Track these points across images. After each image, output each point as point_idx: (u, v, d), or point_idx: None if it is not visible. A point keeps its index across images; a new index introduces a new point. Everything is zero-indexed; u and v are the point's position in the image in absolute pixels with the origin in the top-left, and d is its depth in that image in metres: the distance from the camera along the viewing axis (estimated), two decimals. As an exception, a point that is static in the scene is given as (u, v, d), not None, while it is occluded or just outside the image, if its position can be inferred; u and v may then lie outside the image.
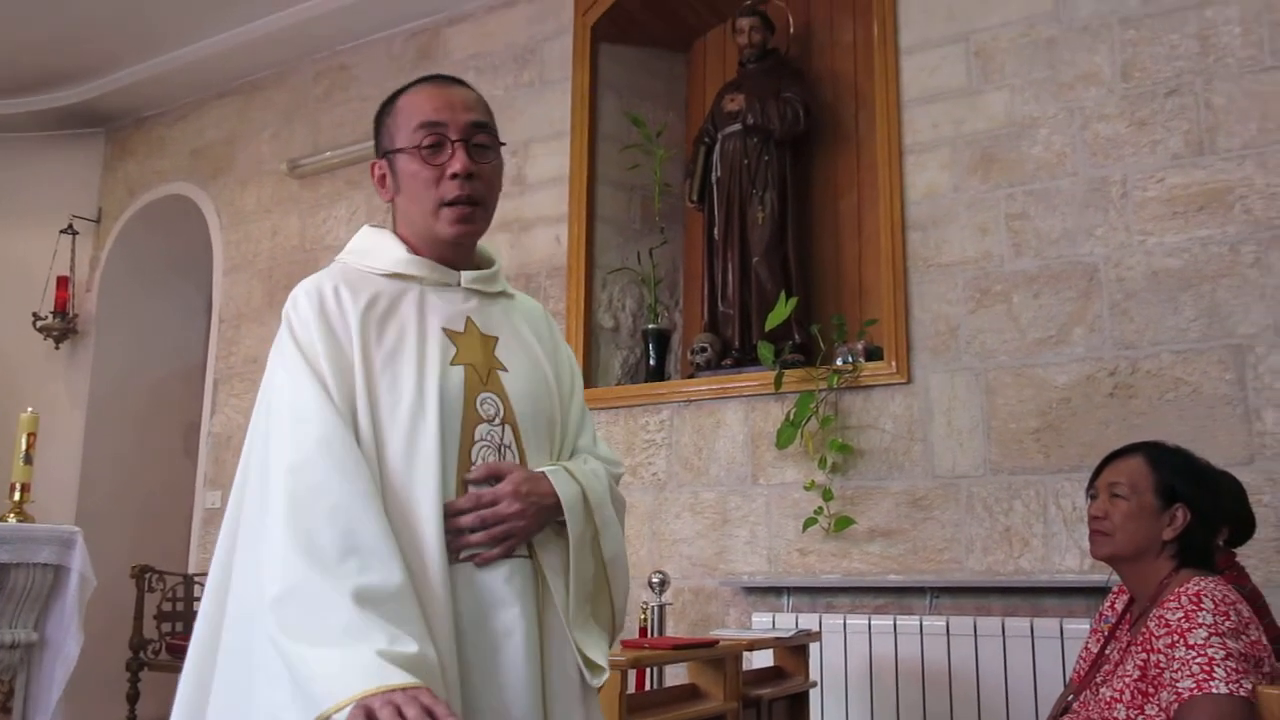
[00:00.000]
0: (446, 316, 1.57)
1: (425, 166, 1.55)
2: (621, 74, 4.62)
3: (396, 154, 1.57)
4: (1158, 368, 3.17)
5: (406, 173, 1.57)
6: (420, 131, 1.56)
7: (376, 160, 1.62)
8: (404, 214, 1.61)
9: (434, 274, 1.59)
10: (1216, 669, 1.76)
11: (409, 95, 1.61)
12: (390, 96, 1.64)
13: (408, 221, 1.61)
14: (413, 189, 1.57)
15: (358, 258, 1.61)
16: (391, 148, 1.59)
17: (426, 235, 1.59)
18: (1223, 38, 3.23)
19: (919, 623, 3.29)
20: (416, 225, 1.59)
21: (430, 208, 1.56)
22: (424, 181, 1.56)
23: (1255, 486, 2.87)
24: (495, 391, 1.55)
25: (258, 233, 5.52)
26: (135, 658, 4.56)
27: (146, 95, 5.92)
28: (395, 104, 1.62)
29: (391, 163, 1.59)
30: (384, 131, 1.61)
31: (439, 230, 1.57)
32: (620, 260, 4.44)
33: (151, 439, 6.03)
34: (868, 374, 3.61)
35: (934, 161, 3.65)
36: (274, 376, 1.50)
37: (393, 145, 1.58)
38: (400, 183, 1.58)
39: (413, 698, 1.18)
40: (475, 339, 1.58)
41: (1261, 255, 3.08)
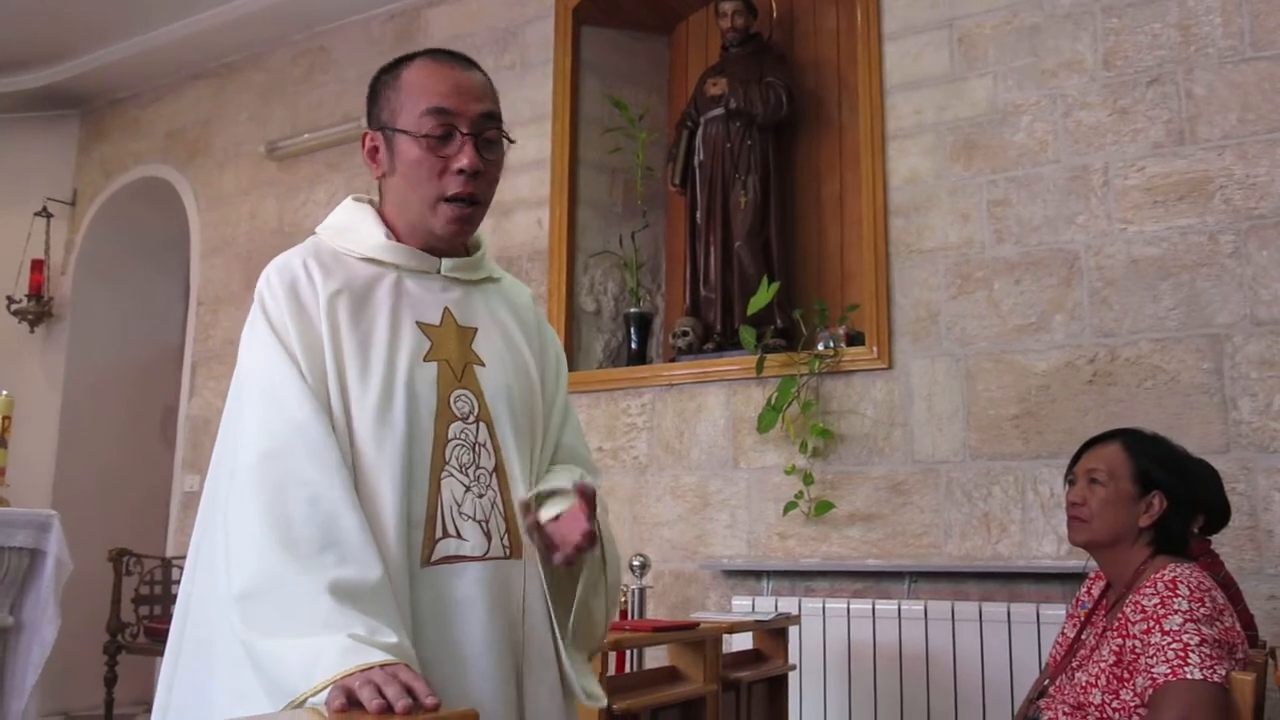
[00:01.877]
0: (422, 308, 1.49)
1: (429, 156, 1.45)
2: (603, 57, 4.60)
3: (398, 133, 1.47)
4: (1136, 356, 3.19)
5: (407, 157, 1.46)
6: (428, 118, 1.45)
7: (370, 131, 1.51)
8: (396, 195, 1.51)
9: (413, 261, 1.51)
10: (1191, 655, 1.78)
11: (417, 70, 1.50)
12: (393, 63, 1.54)
13: (398, 204, 1.51)
14: (412, 176, 1.46)
15: (334, 235, 1.52)
16: (392, 124, 1.47)
17: (417, 224, 1.50)
18: (1204, 27, 3.25)
19: (897, 607, 3.31)
20: (408, 212, 1.50)
21: (429, 200, 1.47)
22: (426, 171, 1.46)
23: (1230, 475, 2.89)
24: (470, 388, 1.48)
25: (235, 215, 5.47)
26: (113, 641, 4.54)
27: (121, 76, 5.84)
28: (399, 75, 1.50)
29: (390, 140, 1.48)
30: (383, 102, 1.50)
31: (434, 225, 1.49)
32: (602, 244, 4.43)
33: (129, 422, 5.99)
34: (849, 359, 3.62)
35: (916, 147, 3.65)
36: (247, 358, 1.45)
37: (394, 122, 1.47)
38: (397, 164, 1.48)
39: (392, 675, 1.14)
40: (451, 332, 1.50)
41: (1240, 245, 3.10)
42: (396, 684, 1.13)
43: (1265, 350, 3.01)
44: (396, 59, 1.55)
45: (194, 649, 1.37)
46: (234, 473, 1.36)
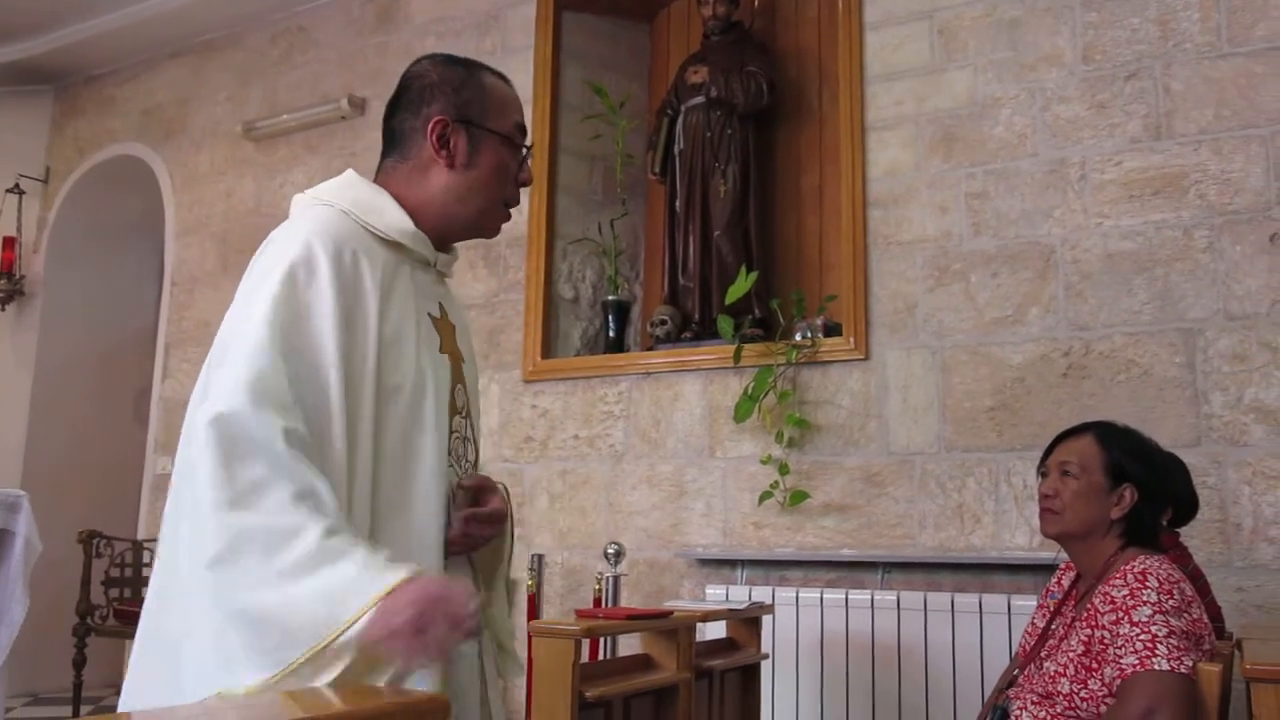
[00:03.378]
0: (428, 301, 1.53)
1: (511, 162, 1.56)
2: (585, 43, 4.57)
3: (491, 134, 1.54)
4: (1110, 349, 3.21)
5: (492, 158, 1.54)
6: (517, 130, 1.58)
7: (448, 120, 1.51)
8: (450, 187, 1.52)
9: (423, 251, 1.53)
10: (1159, 646, 1.80)
11: (497, 82, 1.59)
12: (459, 62, 1.58)
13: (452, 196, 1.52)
14: (490, 176, 1.54)
15: (361, 213, 1.49)
16: (486, 124, 1.53)
17: (461, 217, 1.54)
18: (1182, 23, 3.26)
19: (870, 597, 3.32)
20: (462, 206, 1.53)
21: (495, 200, 1.55)
22: (505, 175, 1.56)
23: (1200, 468, 2.92)
24: (461, 382, 1.55)
25: (211, 195, 5.42)
26: (82, 624, 4.50)
27: (97, 53, 5.77)
28: (481, 81, 1.56)
29: (476, 138, 1.53)
30: (468, 98, 1.54)
31: (485, 222, 1.57)
32: (581, 231, 4.42)
33: (101, 403, 5.93)
34: (826, 350, 3.63)
35: (896, 139, 3.65)
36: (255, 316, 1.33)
37: (486, 122, 1.53)
38: (477, 161, 1.53)
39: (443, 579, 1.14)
40: (448, 327, 1.56)
41: (1214, 240, 3.12)
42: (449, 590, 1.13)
43: (1237, 345, 3.04)
44: (456, 58, 1.60)
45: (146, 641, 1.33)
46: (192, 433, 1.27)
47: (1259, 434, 2.98)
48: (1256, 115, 3.11)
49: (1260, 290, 3.04)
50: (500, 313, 4.36)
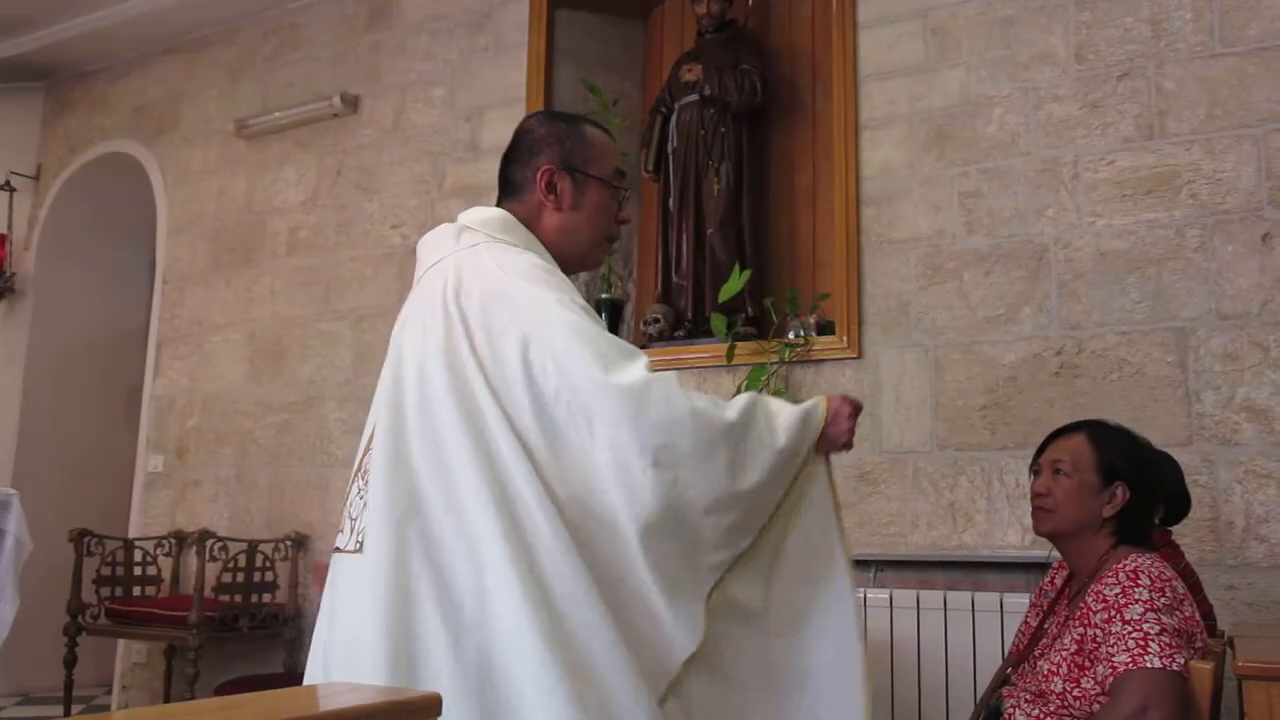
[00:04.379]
0: None
1: (612, 203, 1.85)
2: (578, 41, 4.57)
3: (592, 179, 1.82)
4: (1103, 348, 3.21)
5: (597, 201, 1.82)
6: (615, 174, 1.87)
7: (556, 168, 1.80)
8: (560, 227, 1.80)
9: None
10: (1151, 644, 1.80)
11: (596, 132, 1.88)
12: (565, 117, 1.90)
13: (562, 234, 1.79)
14: (594, 215, 1.82)
15: (537, 254, 1.75)
16: (587, 171, 1.81)
17: (571, 252, 1.80)
18: (1174, 23, 3.27)
19: (863, 595, 3.32)
20: (571, 242, 1.81)
21: (599, 237, 1.84)
22: (607, 214, 1.84)
23: (1192, 467, 2.93)
24: None
25: (203, 193, 5.40)
26: (73, 623, 4.48)
27: (88, 49, 5.75)
28: (583, 132, 1.85)
29: (580, 183, 1.81)
30: (572, 150, 1.81)
31: (594, 256, 1.87)
32: (574, 229, 4.41)
33: (92, 401, 5.91)
34: (819, 348, 3.63)
35: (889, 138, 3.66)
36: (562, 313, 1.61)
37: (587, 169, 1.82)
38: (582, 202, 1.80)
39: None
40: None
41: (1206, 240, 3.13)
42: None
43: (1229, 344, 3.05)
44: (559, 114, 1.99)
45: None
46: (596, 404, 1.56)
47: (1250, 433, 2.99)
48: (1249, 115, 3.12)
49: (1252, 290, 3.05)
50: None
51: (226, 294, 5.15)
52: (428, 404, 1.58)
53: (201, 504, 5.02)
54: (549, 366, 1.55)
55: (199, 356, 5.20)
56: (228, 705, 0.88)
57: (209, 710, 0.80)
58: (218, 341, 5.13)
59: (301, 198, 5.01)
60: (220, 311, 5.15)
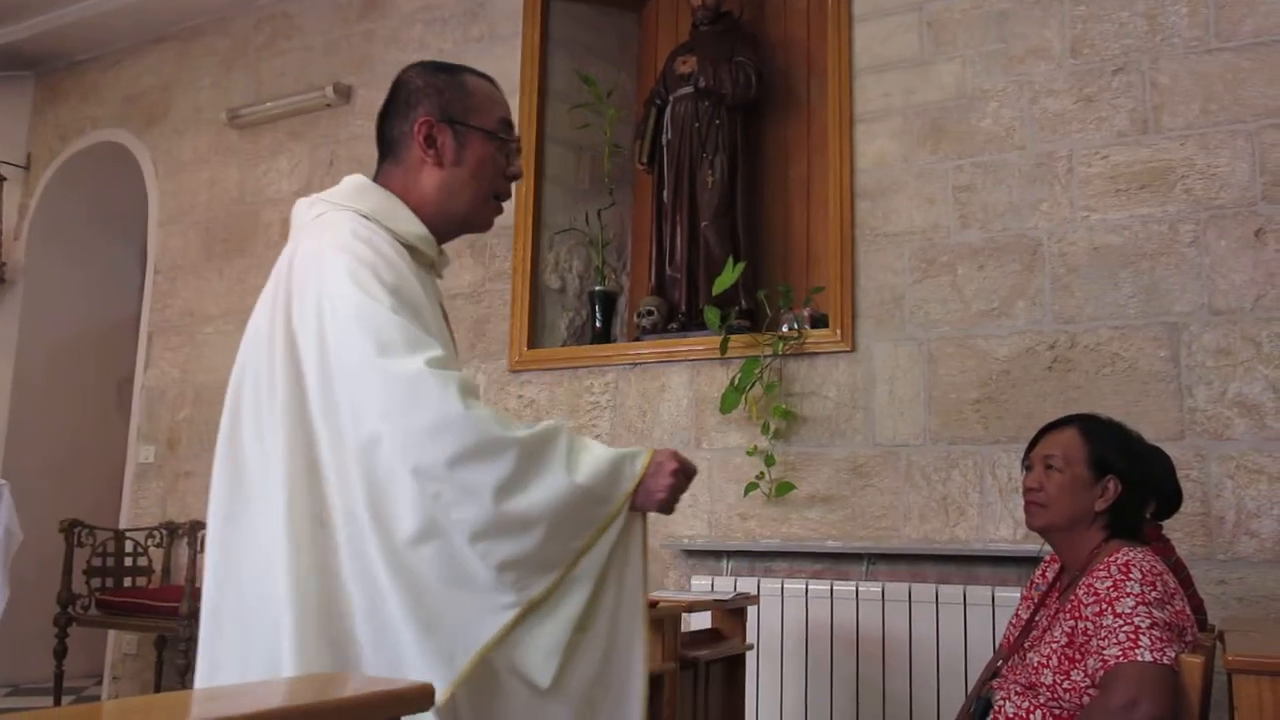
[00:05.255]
0: (435, 297, 1.61)
1: (499, 156, 1.65)
2: (573, 31, 4.55)
3: (475, 131, 1.63)
4: (1096, 343, 3.22)
5: (480, 154, 1.63)
6: (501, 126, 1.67)
7: (435, 121, 1.62)
8: (441, 185, 1.62)
9: (431, 252, 1.62)
10: (1142, 637, 1.80)
11: (479, 82, 1.68)
12: (444, 67, 1.70)
13: (444, 192, 1.62)
14: (480, 171, 1.63)
15: (381, 216, 1.57)
16: (469, 122, 1.63)
17: (455, 212, 1.63)
18: (1170, 18, 3.27)
19: (855, 588, 3.33)
20: (454, 201, 1.62)
21: (485, 194, 1.65)
22: (494, 170, 1.65)
23: (1184, 462, 2.94)
24: None
25: (195, 183, 5.38)
26: (63, 613, 4.47)
27: (79, 38, 5.71)
28: (463, 81, 1.67)
29: (461, 135, 1.63)
30: (452, 100, 1.64)
31: (479, 216, 1.66)
32: (568, 221, 4.40)
33: (82, 391, 5.89)
34: (813, 341, 3.63)
35: (884, 131, 3.65)
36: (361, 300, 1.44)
37: (468, 120, 1.63)
38: (464, 157, 1.63)
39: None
40: (447, 319, 1.64)
41: (1199, 235, 3.13)
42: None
43: (1221, 339, 3.05)
44: (441, 64, 1.73)
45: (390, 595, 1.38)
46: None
47: (1242, 428, 3.00)
48: (1243, 110, 3.12)
49: (1245, 285, 3.05)
50: (486, 302, 4.34)
51: (218, 284, 5.13)
52: (256, 380, 1.50)
53: (193, 495, 5.00)
54: (329, 342, 1.42)
55: (190, 347, 5.18)
56: (216, 696, 0.88)
57: (204, 700, 0.80)
58: (209, 332, 5.11)
59: (294, 188, 4.99)
60: (212, 302, 5.13)
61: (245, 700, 0.73)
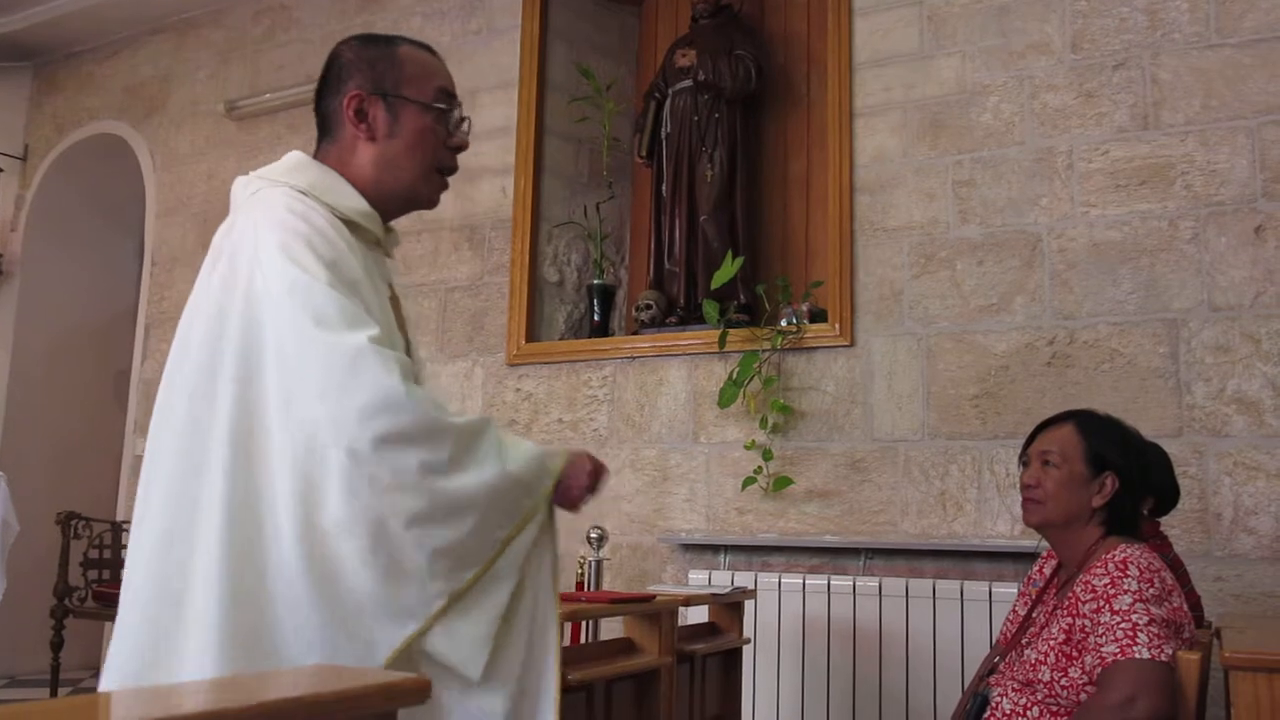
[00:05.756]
0: (384, 276, 1.57)
1: (438, 127, 1.57)
2: (572, 24, 4.54)
3: (409, 103, 1.56)
4: (1095, 339, 3.22)
5: (415, 125, 1.56)
6: (440, 95, 1.58)
7: (365, 94, 1.56)
8: (382, 160, 1.56)
9: (375, 229, 1.57)
10: (1139, 634, 1.80)
11: (414, 51, 1.61)
12: (373, 38, 1.63)
13: (382, 168, 1.56)
14: (417, 144, 1.56)
15: (319, 192, 1.52)
16: (398, 93, 1.56)
17: (394, 188, 1.56)
18: (1170, 13, 3.26)
19: (852, 583, 3.33)
20: (392, 176, 1.56)
21: (425, 168, 1.57)
22: (434, 142, 1.57)
23: (1182, 458, 2.94)
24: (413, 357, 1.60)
25: (192, 175, 5.36)
26: (60, 605, 4.47)
27: (76, 29, 5.70)
28: (395, 50, 1.59)
29: (394, 106, 1.56)
30: (384, 72, 1.57)
31: (420, 191, 1.58)
32: (567, 214, 4.40)
33: (80, 384, 5.88)
34: (811, 336, 3.62)
35: (884, 125, 3.64)
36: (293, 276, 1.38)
37: (399, 91, 1.56)
38: (399, 130, 1.56)
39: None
40: (397, 302, 1.60)
41: (1199, 231, 3.13)
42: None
43: (1220, 336, 3.05)
44: (372, 35, 1.65)
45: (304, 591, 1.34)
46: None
47: (1240, 425, 2.99)
48: (1243, 106, 3.12)
49: (1244, 282, 3.05)
50: (484, 295, 4.33)
51: (216, 277, 5.11)
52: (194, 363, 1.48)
53: (190, 487, 4.99)
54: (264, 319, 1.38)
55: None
56: (214, 686, 0.87)
57: (200, 690, 0.79)
58: (207, 324, 5.10)
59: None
60: (209, 294, 5.11)
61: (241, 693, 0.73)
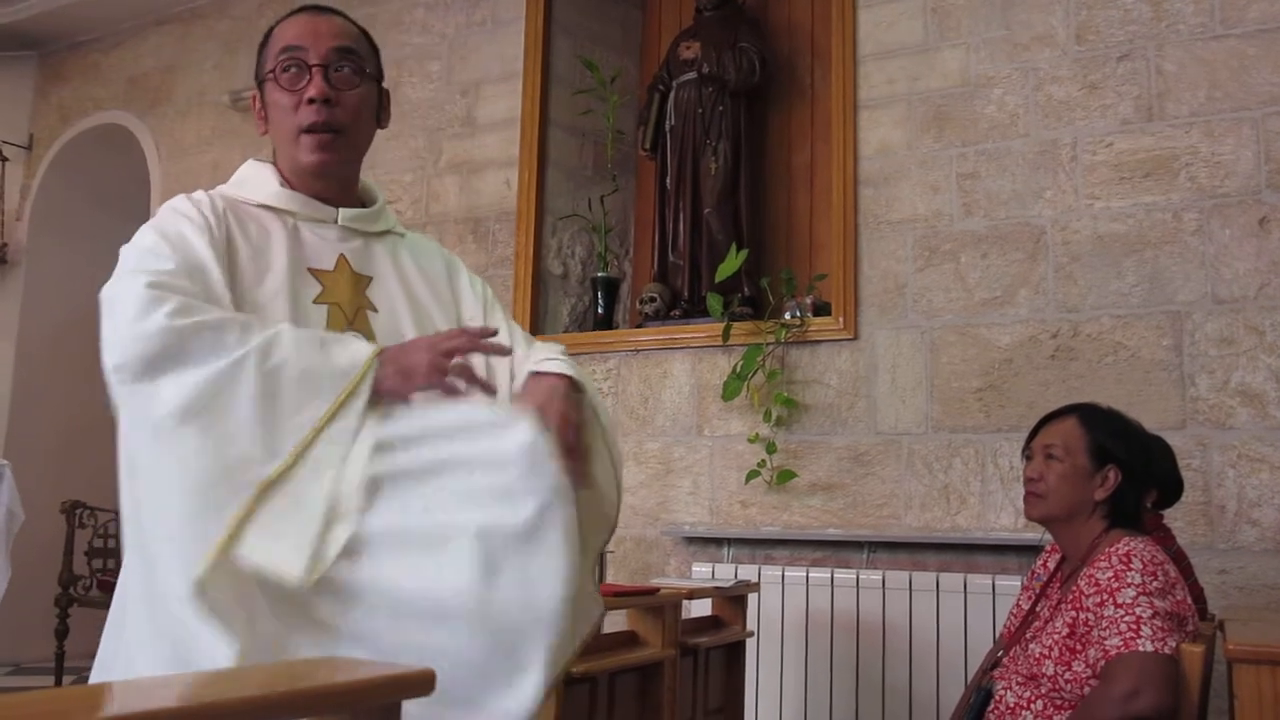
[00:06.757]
0: (316, 255, 1.54)
1: (286, 93, 1.52)
2: (576, 16, 4.53)
3: (264, 82, 1.55)
4: (1098, 331, 3.21)
5: (271, 101, 1.55)
6: (282, 56, 1.53)
7: (255, 90, 1.59)
8: (277, 146, 1.58)
9: (307, 209, 1.56)
10: (1143, 627, 1.81)
11: (280, 23, 1.59)
12: (270, 28, 1.62)
13: (281, 154, 1.58)
14: (276, 116, 1.55)
15: (234, 188, 1.58)
16: (261, 77, 1.57)
17: (294, 166, 1.56)
18: (1175, 4, 3.25)
19: (855, 576, 3.34)
20: (284, 156, 1.57)
21: (291, 134, 1.53)
22: (285, 108, 1.53)
23: (1185, 451, 2.94)
24: (362, 331, 1.51)
25: (198, 166, 5.37)
26: (64, 594, 4.49)
27: (81, 19, 5.69)
28: (270, 33, 1.59)
29: (263, 91, 1.57)
30: (259, 61, 1.59)
31: (300, 158, 1.54)
32: (571, 207, 4.39)
33: (84, 373, 5.85)
34: (815, 329, 3.62)
35: (888, 118, 3.64)
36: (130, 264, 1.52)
37: (261, 74, 1.56)
38: (269, 111, 1.56)
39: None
40: (345, 277, 1.55)
41: (1203, 223, 3.12)
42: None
43: (1224, 328, 3.05)
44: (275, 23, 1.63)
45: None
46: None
47: (1244, 417, 2.99)
48: (1248, 97, 3.11)
49: (1248, 274, 3.05)
50: (489, 288, 4.33)
51: (220, 268, 5.12)
52: None
53: (194, 478, 5.01)
54: None
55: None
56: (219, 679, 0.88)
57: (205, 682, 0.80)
58: (211, 315, 5.11)
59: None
60: (214, 285, 5.12)
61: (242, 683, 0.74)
